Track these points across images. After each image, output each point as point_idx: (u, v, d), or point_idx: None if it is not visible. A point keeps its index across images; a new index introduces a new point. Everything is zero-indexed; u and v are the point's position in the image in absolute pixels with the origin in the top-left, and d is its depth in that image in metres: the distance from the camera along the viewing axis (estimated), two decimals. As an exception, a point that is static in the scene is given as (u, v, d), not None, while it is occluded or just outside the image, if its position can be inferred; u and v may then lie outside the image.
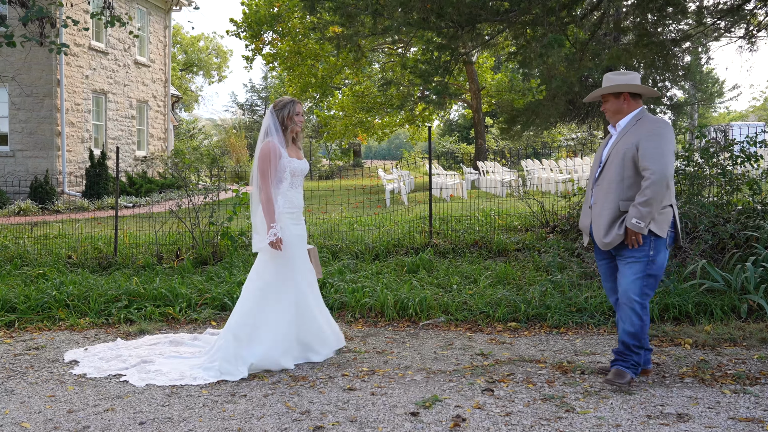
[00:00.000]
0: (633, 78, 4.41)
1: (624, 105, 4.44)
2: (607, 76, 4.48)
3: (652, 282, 4.35)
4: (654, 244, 4.30)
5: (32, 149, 18.32)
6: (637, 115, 4.42)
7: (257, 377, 4.73)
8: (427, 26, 9.16)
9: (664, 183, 4.15)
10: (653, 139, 4.23)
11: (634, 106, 4.44)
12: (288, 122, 4.95)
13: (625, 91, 4.42)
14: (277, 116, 4.95)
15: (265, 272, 4.90)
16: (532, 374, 4.74)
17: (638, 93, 4.45)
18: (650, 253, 4.29)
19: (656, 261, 4.31)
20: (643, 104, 4.47)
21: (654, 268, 4.32)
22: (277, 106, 4.97)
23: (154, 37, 23.79)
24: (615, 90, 4.44)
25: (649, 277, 4.33)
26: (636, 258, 4.31)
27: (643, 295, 4.33)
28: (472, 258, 8.30)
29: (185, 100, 47.49)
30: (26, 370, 4.97)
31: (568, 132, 39.31)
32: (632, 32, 10.46)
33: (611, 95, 4.47)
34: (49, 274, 7.86)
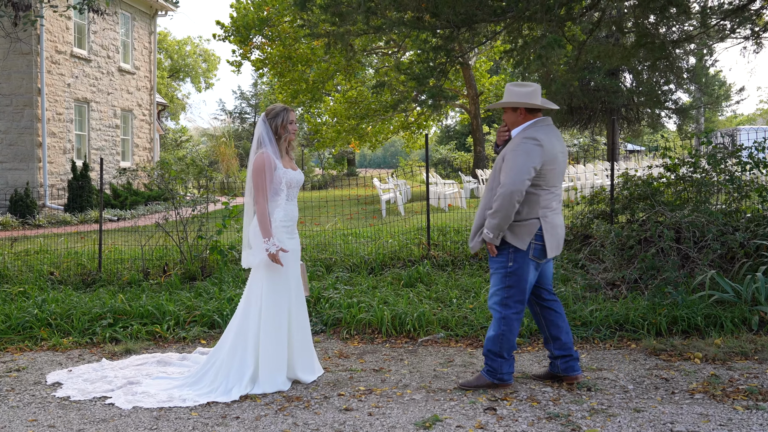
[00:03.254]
0: (532, 92, 4.59)
1: (520, 117, 4.67)
2: (507, 87, 4.68)
3: (514, 293, 4.59)
4: (513, 256, 4.56)
5: (12, 161, 18.29)
6: (525, 127, 4.63)
7: (249, 398, 4.71)
8: (421, 26, 9.19)
9: (510, 196, 4.41)
10: (512, 153, 4.53)
11: (530, 118, 4.65)
12: (281, 131, 4.95)
13: (519, 107, 4.64)
14: (270, 125, 4.94)
15: (261, 291, 4.88)
16: (536, 392, 4.74)
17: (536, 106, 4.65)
18: (509, 265, 4.56)
19: (516, 272, 4.56)
20: (541, 115, 4.69)
21: (514, 280, 4.57)
22: (269, 115, 4.97)
23: (139, 43, 23.83)
24: (509, 105, 4.66)
25: (510, 288, 4.59)
26: (495, 269, 4.64)
27: (503, 305, 4.61)
28: (472, 270, 8.30)
29: (172, 108, 47.50)
30: (7, 393, 4.94)
31: (569, 138, 39.46)
32: (633, 33, 10.53)
33: (510, 108, 4.69)
34: (30, 291, 7.83)
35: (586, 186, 15.87)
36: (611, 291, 6.95)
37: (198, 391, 4.80)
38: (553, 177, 4.59)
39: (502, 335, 4.63)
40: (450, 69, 10.48)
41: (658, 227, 7.08)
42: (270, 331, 4.83)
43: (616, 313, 6.19)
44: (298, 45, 25.31)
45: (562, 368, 4.82)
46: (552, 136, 4.62)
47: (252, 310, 4.88)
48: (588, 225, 8.73)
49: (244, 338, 4.87)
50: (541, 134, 4.54)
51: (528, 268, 4.58)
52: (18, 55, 17.79)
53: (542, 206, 4.55)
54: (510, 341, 4.65)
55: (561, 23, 8.88)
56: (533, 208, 4.53)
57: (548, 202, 4.58)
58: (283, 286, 4.91)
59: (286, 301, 4.91)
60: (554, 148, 4.58)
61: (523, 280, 4.58)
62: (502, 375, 4.72)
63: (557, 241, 4.66)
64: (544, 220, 4.55)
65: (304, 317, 5.09)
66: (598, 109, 24.96)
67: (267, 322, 4.83)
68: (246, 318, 4.90)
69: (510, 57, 10.28)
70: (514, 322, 4.64)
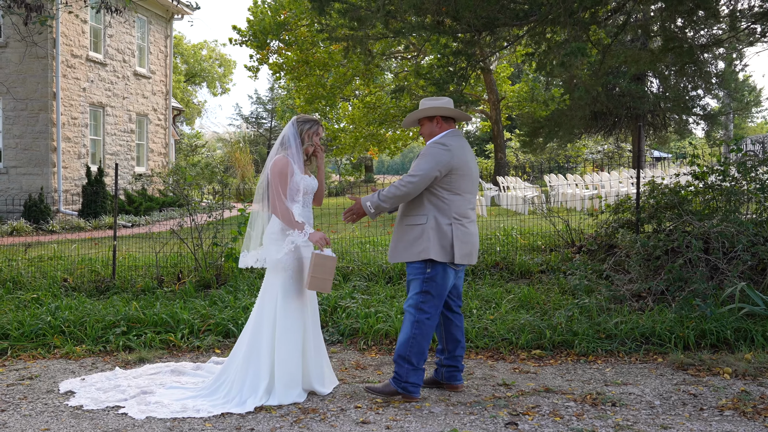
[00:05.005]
0: (445, 103, 4.88)
1: (436, 128, 4.93)
2: (421, 101, 4.97)
3: (430, 298, 4.75)
4: (430, 263, 4.73)
5: (26, 166, 18.52)
6: (438, 138, 4.87)
7: (264, 409, 4.71)
8: (441, 30, 9.19)
9: (412, 186, 4.67)
10: (421, 156, 4.83)
11: (445, 128, 4.93)
12: (306, 137, 5.00)
13: (435, 114, 4.90)
14: (299, 128, 4.99)
15: (276, 299, 4.89)
16: (559, 406, 4.70)
17: (450, 116, 4.95)
18: (426, 271, 4.74)
19: (434, 278, 4.74)
20: (454, 126, 4.98)
21: (430, 285, 4.74)
22: (300, 119, 5.04)
23: (155, 47, 24.06)
24: (425, 114, 4.91)
25: (426, 294, 4.75)
26: (413, 275, 4.80)
27: (418, 309, 4.75)
28: (493, 280, 8.27)
29: (187, 113, 47.89)
30: (20, 402, 4.99)
31: (593, 144, 39.24)
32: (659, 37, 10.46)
33: (426, 119, 4.96)
34: (43, 298, 7.91)
35: (611, 194, 15.76)
36: (637, 303, 6.89)
37: (212, 401, 4.82)
38: (465, 183, 4.80)
39: (414, 338, 4.75)
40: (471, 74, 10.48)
41: (686, 237, 7.02)
42: (285, 340, 4.83)
43: (642, 326, 6.13)
44: (316, 49, 25.43)
45: (445, 376, 5.06)
46: (463, 145, 4.88)
47: (266, 320, 4.89)
48: (613, 234, 8.67)
49: (258, 348, 4.88)
50: (451, 141, 4.81)
51: (445, 275, 4.76)
52: (33, 59, 18.03)
53: (455, 213, 4.76)
54: (421, 346, 4.75)
55: (585, 27, 8.85)
56: (446, 214, 4.74)
57: (462, 209, 4.79)
58: (298, 295, 4.92)
59: (300, 310, 4.91)
60: (465, 156, 4.83)
61: (440, 285, 4.76)
62: (406, 384, 4.78)
63: (470, 249, 4.83)
64: (456, 227, 4.74)
65: (317, 326, 5.10)
66: (623, 115, 24.78)
67: (282, 332, 4.84)
68: (260, 327, 4.91)
69: (532, 60, 10.26)
70: (427, 327, 4.77)
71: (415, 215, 4.78)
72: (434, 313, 4.79)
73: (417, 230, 4.75)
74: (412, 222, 4.78)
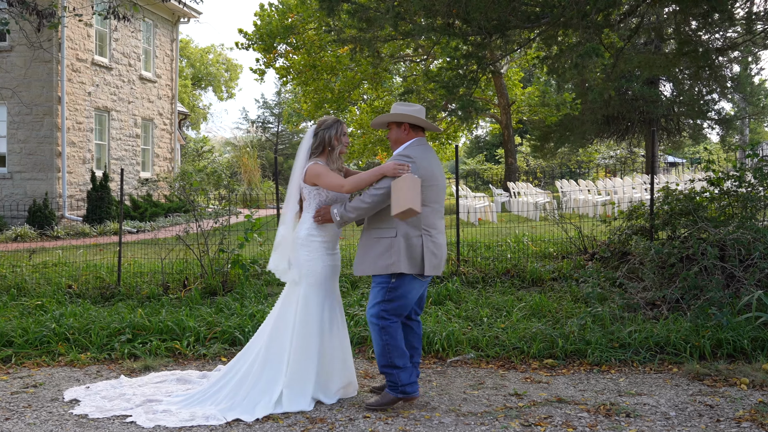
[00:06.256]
0: (417, 110, 4.90)
1: (403, 134, 4.95)
2: (393, 106, 4.98)
3: (394, 307, 4.79)
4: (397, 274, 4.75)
5: (31, 171, 18.62)
6: (402, 149, 4.90)
7: (271, 419, 4.71)
8: (452, 32, 9.20)
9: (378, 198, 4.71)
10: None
11: (413, 136, 4.94)
12: (335, 142, 5.03)
13: (404, 121, 4.91)
14: (324, 136, 5.01)
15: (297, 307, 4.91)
16: (571, 417, 4.68)
17: (419, 126, 4.95)
18: (391, 281, 4.77)
19: (398, 288, 4.78)
20: (423, 135, 4.99)
21: (395, 294, 4.78)
22: (322, 126, 5.05)
23: (161, 51, 24.18)
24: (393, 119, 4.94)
25: (390, 302, 4.79)
26: (377, 282, 4.83)
27: (381, 318, 4.79)
28: (504, 288, 8.25)
29: (193, 118, 48.07)
30: (24, 410, 5.01)
31: (605, 149, 39.16)
32: (673, 40, 10.44)
33: (394, 124, 4.98)
34: (48, 305, 7.94)
35: (624, 200, 15.71)
36: (651, 311, 6.86)
37: (219, 406, 4.84)
38: (432, 194, 4.82)
39: (387, 344, 4.79)
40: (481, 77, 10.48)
41: (701, 244, 6.98)
42: (301, 350, 4.85)
43: (656, 335, 6.10)
44: (323, 53, 25.50)
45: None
46: (429, 155, 4.90)
47: (287, 327, 4.92)
48: (626, 241, 8.64)
49: (277, 354, 4.90)
50: (416, 152, 4.82)
51: (410, 285, 4.80)
52: (39, 63, 18.15)
53: (425, 224, 4.77)
54: (398, 348, 4.80)
55: (598, 30, 8.84)
56: (416, 226, 4.74)
57: (430, 220, 4.81)
58: (319, 305, 4.94)
59: (318, 320, 4.92)
60: (431, 166, 4.84)
61: (405, 296, 4.81)
62: (404, 387, 4.81)
63: (438, 260, 4.86)
64: (426, 238, 4.77)
65: (342, 332, 5.10)
66: (636, 120, 24.73)
67: (299, 341, 4.86)
68: (279, 333, 4.94)
69: (544, 63, 10.26)
70: (394, 329, 4.81)
71: (384, 228, 4.78)
72: (396, 318, 4.84)
73: (385, 243, 4.75)
74: (380, 235, 4.79)
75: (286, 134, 47.83)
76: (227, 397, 4.90)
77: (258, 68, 28.25)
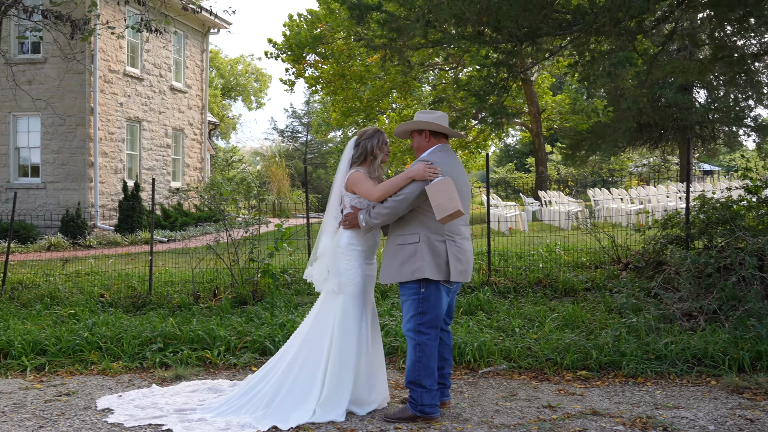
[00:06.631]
0: (438, 117, 4.92)
1: (425, 142, 4.96)
2: (416, 114, 5.02)
3: (427, 319, 4.76)
4: (424, 282, 4.74)
5: (64, 181, 18.93)
6: (425, 155, 4.89)
7: (302, 429, 4.71)
8: (482, 41, 9.18)
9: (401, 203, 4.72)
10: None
11: (434, 143, 4.95)
12: (377, 151, 5.07)
13: (424, 128, 4.93)
14: (366, 145, 5.04)
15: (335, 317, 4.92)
16: (607, 430, 4.61)
17: (441, 132, 4.95)
18: (420, 291, 4.75)
19: (428, 298, 4.75)
20: (446, 142, 4.98)
21: (426, 305, 4.75)
22: (363, 136, 5.09)
23: (191, 62, 24.48)
24: (414, 127, 4.97)
25: (423, 315, 4.76)
26: (407, 296, 4.81)
27: (417, 332, 4.77)
28: (536, 298, 8.18)
29: (222, 128, 48.54)
30: (57, 418, 5.07)
31: (638, 158, 38.75)
32: (708, 46, 10.32)
33: (416, 132, 5.00)
34: (80, 314, 8.05)
35: (658, 209, 15.51)
36: (688, 322, 6.75)
37: (254, 414, 4.86)
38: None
39: (419, 362, 4.77)
40: (512, 85, 10.45)
41: (739, 254, 6.86)
42: (339, 360, 4.86)
43: (693, 347, 6.00)
44: (352, 62, 25.61)
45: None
46: (451, 161, 4.90)
47: (324, 336, 4.93)
48: (661, 251, 8.53)
49: (313, 363, 4.91)
50: (438, 158, 4.82)
51: (439, 293, 4.78)
52: (72, 75, 18.47)
53: (447, 230, 4.76)
54: (428, 368, 4.78)
55: (631, 36, 8.76)
56: (438, 232, 4.74)
57: (454, 226, 4.78)
58: (358, 316, 4.95)
59: (357, 330, 4.93)
60: (453, 172, 4.82)
61: (435, 305, 4.78)
62: (423, 407, 4.78)
63: (464, 266, 4.83)
64: (450, 243, 4.75)
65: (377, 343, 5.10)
66: (670, 127, 24.46)
67: (337, 353, 4.88)
68: (315, 342, 4.95)
69: (575, 71, 10.20)
70: (430, 347, 4.78)
71: (407, 234, 4.79)
72: (434, 333, 4.81)
73: (409, 249, 4.75)
74: (404, 241, 4.79)
75: (315, 144, 48.05)
76: (262, 406, 4.92)
77: (288, 79, 28.46)
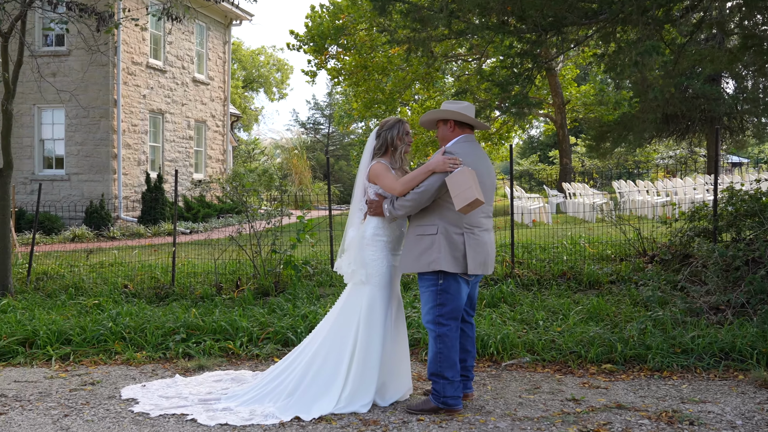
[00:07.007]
0: (464, 107, 4.90)
1: (449, 132, 4.95)
2: (442, 104, 5.01)
3: (447, 310, 4.75)
4: (443, 273, 4.72)
5: (88, 172, 19.14)
6: (449, 145, 4.87)
7: (324, 420, 4.74)
8: (506, 30, 9.11)
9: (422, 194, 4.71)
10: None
11: (459, 134, 4.93)
12: (398, 142, 5.05)
13: (449, 118, 4.92)
14: (387, 136, 5.04)
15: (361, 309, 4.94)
16: (632, 424, 4.58)
17: (467, 123, 4.93)
18: (439, 282, 4.75)
19: (447, 290, 4.74)
20: (471, 133, 4.96)
21: (445, 297, 4.74)
22: (384, 127, 5.08)
23: (213, 54, 24.60)
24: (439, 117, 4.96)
25: (442, 306, 4.76)
26: (425, 287, 4.82)
27: (437, 324, 4.77)
28: (560, 291, 8.14)
29: (245, 119, 48.75)
30: (82, 407, 5.14)
31: (664, 149, 38.33)
32: (737, 35, 10.16)
33: (441, 122, 4.99)
34: (104, 304, 8.14)
35: (685, 201, 15.35)
36: (715, 316, 6.68)
37: (278, 404, 4.90)
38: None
39: (440, 353, 4.77)
40: (536, 75, 10.38)
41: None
42: (365, 351, 4.88)
43: (720, 341, 5.94)
44: (375, 54, 25.57)
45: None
46: (476, 152, 4.87)
47: (350, 328, 4.95)
48: (688, 243, 8.45)
49: (337, 354, 4.93)
50: (461, 149, 4.80)
51: (458, 285, 4.76)
52: (96, 67, 18.64)
53: (467, 222, 4.74)
54: (450, 359, 4.77)
55: (659, 25, 8.65)
56: (456, 224, 4.72)
57: (473, 218, 4.76)
58: (384, 308, 4.96)
59: (383, 322, 4.94)
60: (476, 163, 4.78)
61: (454, 297, 4.77)
62: (445, 399, 4.78)
63: (483, 258, 4.80)
64: (468, 236, 4.73)
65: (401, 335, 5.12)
66: (697, 118, 24.12)
67: (363, 342, 4.89)
68: (340, 333, 4.97)
69: (601, 61, 10.09)
70: (451, 339, 4.78)
71: (425, 225, 4.78)
72: (454, 325, 4.81)
73: (427, 240, 4.74)
74: (423, 232, 4.78)
75: (337, 135, 48.11)
76: (284, 395, 4.96)
77: (309, 70, 28.48)
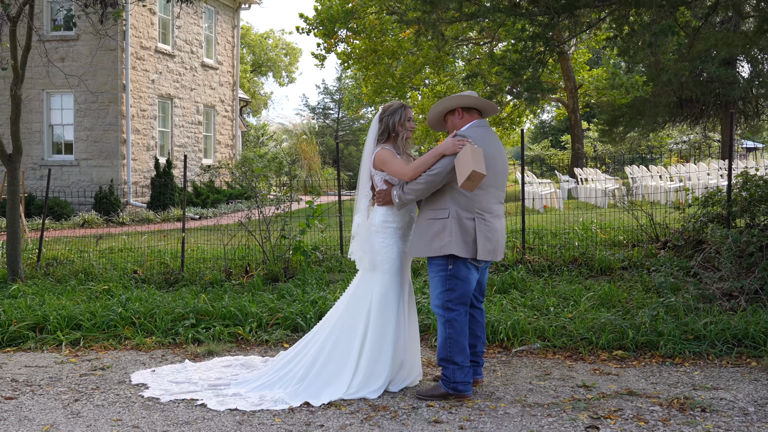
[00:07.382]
0: (467, 95, 4.90)
1: (458, 119, 4.96)
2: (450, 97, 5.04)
3: (456, 295, 4.77)
4: (452, 258, 4.73)
5: (97, 158, 19.20)
6: (465, 128, 4.87)
7: (333, 405, 4.75)
8: (518, 13, 9.05)
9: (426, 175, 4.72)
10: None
11: (468, 120, 4.94)
12: (399, 128, 5.03)
13: (454, 106, 4.93)
14: (388, 122, 5.02)
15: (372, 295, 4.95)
16: (643, 410, 4.58)
17: (473, 107, 4.94)
18: (448, 267, 4.75)
19: (456, 275, 4.74)
20: (479, 118, 4.95)
21: (454, 282, 4.75)
22: (386, 112, 5.06)
23: (222, 38, 24.55)
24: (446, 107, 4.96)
25: (451, 291, 4.77)
26: (434, 272, 4.82)
27: (446, 309, 4.78)
28: (571, 277, 8.12)
29: (254, 104, 48.73)
30: (92, 392, 5.18)
31: (678, 134, 38.09)
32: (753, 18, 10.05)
33: (449, 114, 5.00)
34: (114, 289, 8.19)
35: (699, 186, 15.26)
36: (728, 302, 6.65)
37: (287, 389, 4.93)
38: (489, 177, 4.70)
39: (450, 338, 4.78)
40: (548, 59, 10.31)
41: (783, 232, 6.73)
42: (377, 338, 4.89)
43: (733, 327, 5.92)
44: (385, 38, 25.46)
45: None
46: (488, 137, 4.85)
47: (361, 314, 4.96)
48: (701, 229, 8.40)
49: (348, 341, 4.94)
50: (474, 133, 4.78)
51: (468, 270, 4.77)
52: (104, 52, 18.65)
53: (478, 207, 4.74)
54: (460, 344, 4.78)
55: (673, 8, 8.57)
56: (468, 209, 4.72)
57: (485, 204, 4.76)
58: (396, 294, 4.96)
59: (395, 308, 4.95)
60: (488, 148, 4.75)
61: (464, 281, 4.77)
62: (455, 384, 4.79)
63: (493, 245, 4.79)
64: (479, 222, 4.73)
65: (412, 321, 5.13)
66: (711, 103, 23.96)
67: (375, 329, 4.90)
68: (351, 320, 4.98)
69: (614, 45, 10.01)
70: (460, 323, 4.79)
71: (437, 209, 4.78)
72: (463, 310, 4.82)
73: (438, 225, 4.74)
74: (434, 216, 4.78)
75: (347, 120, 48.04)
76: (295, 381, 4.98)
77: (319, 53, 28.39)
